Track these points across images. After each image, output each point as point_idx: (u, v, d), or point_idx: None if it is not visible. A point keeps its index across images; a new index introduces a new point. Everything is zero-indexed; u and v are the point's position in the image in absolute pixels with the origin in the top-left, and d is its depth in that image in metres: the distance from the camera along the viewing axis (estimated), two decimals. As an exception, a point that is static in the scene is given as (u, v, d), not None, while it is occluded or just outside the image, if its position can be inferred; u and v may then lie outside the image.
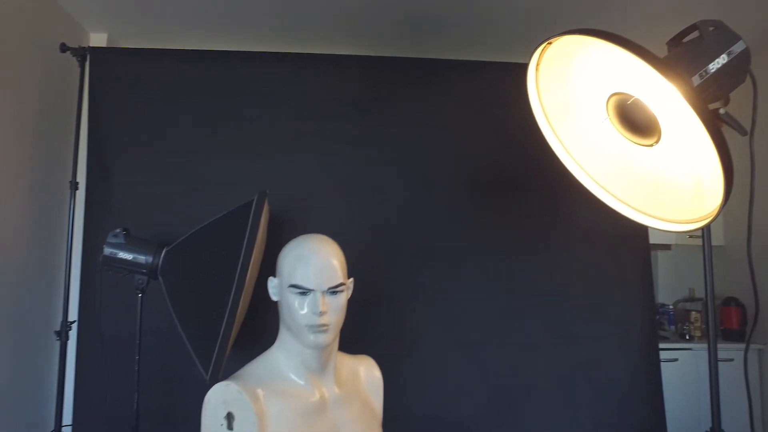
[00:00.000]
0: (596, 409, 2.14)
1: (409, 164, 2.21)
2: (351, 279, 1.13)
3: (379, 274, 2.09)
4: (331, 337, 1.05)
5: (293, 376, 1.06)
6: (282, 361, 1.07)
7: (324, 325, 1.03)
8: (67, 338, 2.23)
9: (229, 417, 1.00)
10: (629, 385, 2.18)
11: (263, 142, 2.17)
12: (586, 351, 2.16)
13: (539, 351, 2.14)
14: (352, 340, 1.36)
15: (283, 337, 1.09)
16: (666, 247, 3.71)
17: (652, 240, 2.33)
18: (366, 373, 1.21)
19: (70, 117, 2.45)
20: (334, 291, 1.05)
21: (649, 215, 1.18)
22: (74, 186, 2.31)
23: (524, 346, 2.15)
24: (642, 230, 2.25)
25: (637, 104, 1.05)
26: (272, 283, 1.11)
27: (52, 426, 2.23)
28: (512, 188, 2.23)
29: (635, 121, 1.09)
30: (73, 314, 2.25)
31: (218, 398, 1.02)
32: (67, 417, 2.20)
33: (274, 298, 1.10)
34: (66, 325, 2.23)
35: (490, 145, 2.23)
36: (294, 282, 1.04)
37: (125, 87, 2.22)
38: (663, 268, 3.82)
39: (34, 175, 2.53)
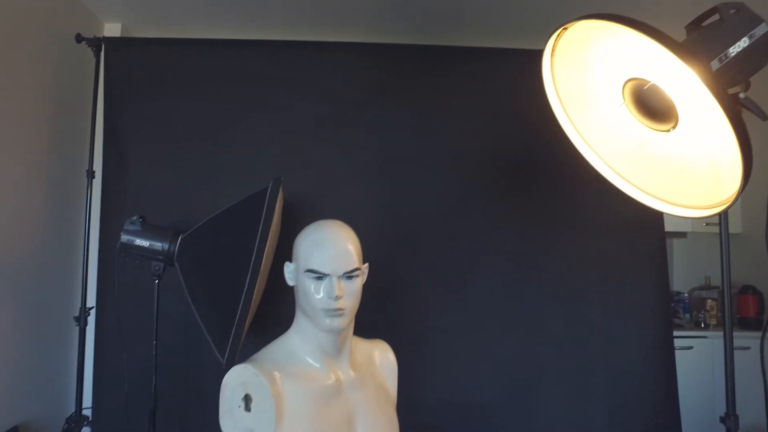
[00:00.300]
0: (610, 396, 2.14)
1: (426, 151, 2.20)
2: (366, 264, 1.14)
3: (395, 261, 2.10)
4: (347, 321, 1.07)
5: (309, 360, 1.08)
6: (298, 344, 1.09)
7: (340, 309, 1.04)
8: (86, 324, 2.27)
9: (247, 399, 1.02)
10: (643, 373, 2.17)
11: (279, 130, 2.18)
12: (600, 339, 2.16)
13: (553, 339, 2.15)
14: (367, 326, 1.38)
15: (300, 321, 1.10)
16: (681, 234, 3.67)
17: (668, 228, 2.31)
18: (381, 357, 1.22)
19: (86, 107, 2.47)
20: (349, 276, 1.06)
21: (665, 201, 1.17)
22: (91, 175, 2.35)
23: (538, 333, 2.15)
24: (657, 217, 2.23)
25: (653, 89, 1.04)
26: (288, 268, 1.12)
27: (72, 408, 2.28)
28: (528, 175, 2.22)
29: (652, 106, 1.08)
30: (91, 300, 2.30)
31: (236, 381, 1.04)
32: (87, 400, 2.26)
33: (291, 282, 1.11)
34: (85, 311, 2.27)
35: (507, 132, 2.22)
36: (310, 267, 1.05)
37: (140, 76, 2.24)
38: (678, 256, 3.78)
39: (51, 165, 2.56)
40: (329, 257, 1.05)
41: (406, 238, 2.15)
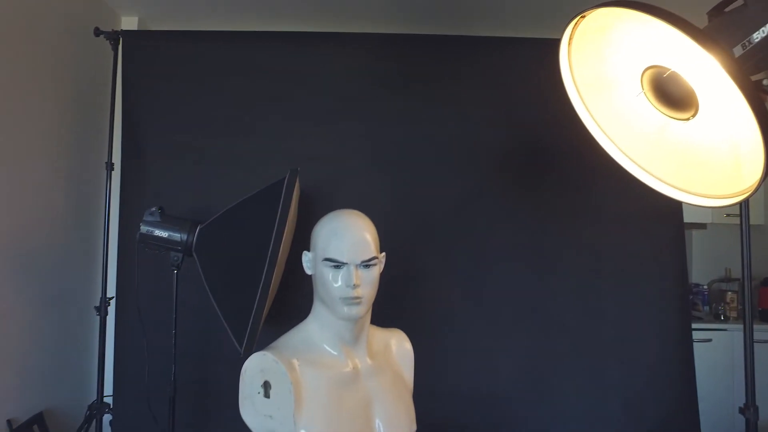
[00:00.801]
0: (625, 388, 2.14)
1: (441, 143, 2.20)
2: (383, 253, 1.15)
3: (410, 251, 2.11)
4: (364, 309, 1.07)
5: (327, 347, 1.09)
6: (316, 332, 1.10)
7: (357, 297, 1.05)
8: (106, 313, 2.31)
9: (266, 386, 1.03)
10: (659, 365, 2.16)
11: (295, 121, 2.19)
12: (616, 330, 2.15)
13: (568, 329, 2.14)
14: (383, 315, 1.39)
15: (317, 309, 1.12)
16: (701, 226, 3.62)
17: (687, 219, 2.29)
18: (397, 346, 1.23)
19: (105, 100, 2.50)
20: (367, 264, 1.07)
21: (684, 191, 1.16)
22: (110, 167, 2.38)
23: (553, 323, 2.14)
24: (676, 208, 2.21)
25: (673, 77, 1.03)
26: (306, 257, 1.13)
27: (94, 396, 2.32)
28: (544, 166, 2.21)
29: (671, 94, 1.06)
30: (111, 291, 2.34)
31: (255, 368, 1.06)
32: (109, 388, 2.30)
33: (309, 271, 1.12)
34: (105, 301, 2.31)
35: (522, 123, 2.21)
36: (328, 256, 1.06)
37: (157, 69, 2.27)
38: (698, 247, 3.74)
39: (72, 158, 2.60)
40: (347, 246, 1.06)
41: (422, 229, 2.16)
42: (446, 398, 2.07)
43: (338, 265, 1.06)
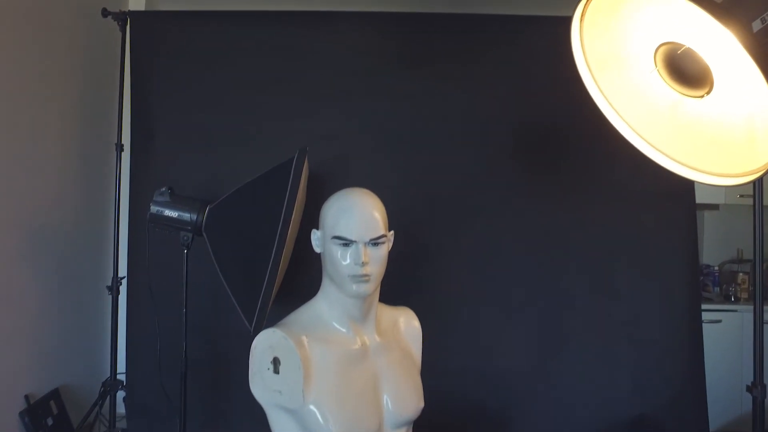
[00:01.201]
0: (634, 366, 2.15)
1: (451, 120, 2.19)
2: (392, 232, 1.15)
3: (419, 229, 2.10)
4: (373, 287, 1.08)
5: (336, 325, 1.10)
6: (325, 310, 1.11)
7: (366, 275, 1.06)
8: (118, 293, 2.34)
9: (275, 362, 1.05)
10: (668, 344, 2.16)
11: (305, 100, 2.18)
12: (626, 308, 2.15)
13: (578, 307, 2.14)
14: (392, 293, 1.39)
15: (326, 287, 1.13)
16: (714, 207, 3.58)
17: (699, 199, 2.27)
18: (405, 323, 1.24)
19: (114, 81, 2.50)
20: (375, 242, 1.07)
21: (697, 170, 1.14)
22: (120, 148, 2.38)
23: (563, 302, 2.15)
24: (688, 188, 2.19)
25: (688, 53, 1.01)
26: (315, 236, 1.14)
27: (108, 373, 2.37)
28: (555, 145, 2.19)
29: (685, 71, 1.05)
30: (123, 270, 2.36)
31: (265, 344, 1.07)
32: (122, 366, 2.34)
33: (317, 249, 1.13)
34: (117, 281, 2.33)
35: (533, 102, 2.19)
36: (337, 233, 1.07)
37: (166, 49, 2.25)
38: (710, 228, 3.70)
39: (82, 139, 2.62)
40: (356, 224, 1.06)
41: (432, 208, 2.16)
42: (455, 376, 2.08)
43: (347, 243, 1.06)
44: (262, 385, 1.08)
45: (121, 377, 2.33)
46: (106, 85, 2.71)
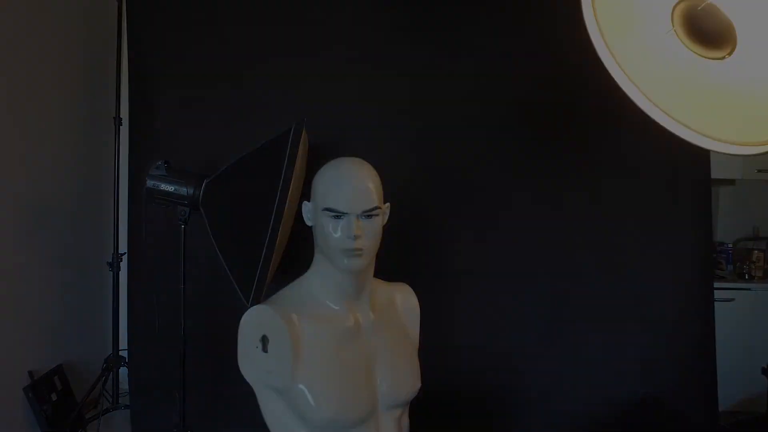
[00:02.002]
0: (643, 346, 2.10)
1: (455, 92, 2.12)
2: (387, 204, 1.09)
3: (423, 204, 2.06)
4: (366, 261, 1.03)
5: (328, 301, 1.06)
6: (317, 286, 1.06)
7: (358, 249, 1.00)
8: (118, 269, 2.32)
9: (264, 340, 1.01)
10: (678, 323, 2.11)
11: (307, 71, 2.12)
12: (636, 285, 2.10)
13: (587, 283, 2.10)
14: (393, 269, 1.35)
15: (318, 262, 1.08)
16: (729, 182, 3.48)
17: (715, 174, 2.20)
18: (402, 301, 1.19)
19: (112, 53, 2.45)
20: (368, 215, 1.02)
21: (714, 138, 1.07)
22: (118, 121, 2.34)
23: (572, 278, 2.10)
24: (702, 161, 2.12)
25: (710, 10, 0.94)
26: (306, 208, 1.08)
27: (110, 350, 2.37)
28: (562, 115, 2.12)
29: (706, 30, 0.97)
30: (124, 246, 2.34)
31: (253, 321, 1.03)
32: (124, 342, 2.33)
33: (309, 222, 1.08)
34: (117, 257, 2.31)
35: (539, 71, 2.11)
36: (328, 205, 1.01)
37: (164, 19, 2.18)
38: (724, 204, 3.60)
39: (80, 112, 2.57)
40: (347, 195, 1.00)
41: (436, 182, 2.11)
42: (457, 354, 2.05)
43: (338, 215, 1.01)
44: (250, 364, 1.04)
45: (125, 353, 2.33)
46: (103, 57, 2.65)
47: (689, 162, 2.06)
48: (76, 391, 2.47)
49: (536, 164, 2.12)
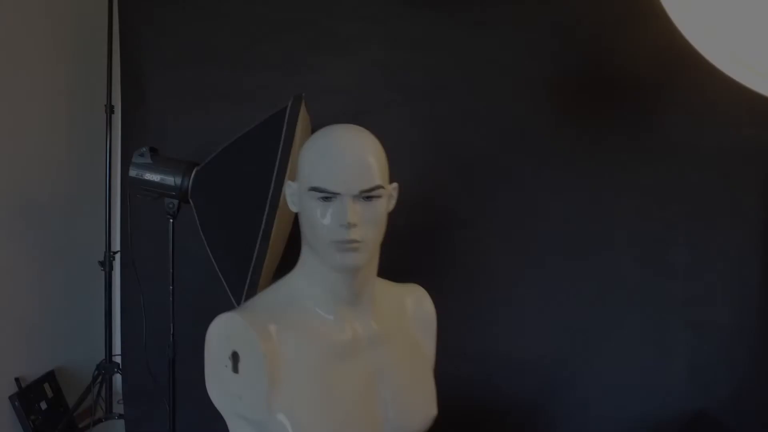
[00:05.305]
0: (692, 354, 1.94)
1: (478, 70, 1.97)
2: (395, 185, 0.87)
3: (441, 197, 1.95)
4: (365, 257, 0.80)
5: (317, 308, 0.83)
6: (304, 288, 0.84)
7: (354, 241, 0.78)
8: (111, 268, 2.20)
9: (234, 357, 0.80)
10: (734, 329, 1.94)
11: (309, 50, 2.01)
12: (684, 286, 1.94)
13: (626, 285, 1.95)
14: (407, 269, 1.19)
15: (305, 258, 0.85)
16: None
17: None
18: (415, 306, 0.96)
19: (103, 37, 2.33)
20: (368, 196, 0.79)
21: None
22: (110, 110, 2.23)
23: (608, 279, 1.95)
24: (763, 148, 1.91)
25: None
26: (290, 189, 0.86)
27: (102, 355, 2.24)
28: (600, 96, 1.94)
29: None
30: (117, 244, 2.21)
31: (222, 334, 0.82)
32: (118, 346, 2.20)
33: (294, 208, 0.86)
34: (109, 255, 2.19)
35: (572, 44, 1.93)
36: (314, 184, 0.78)
37: (156, 1, 2.09)
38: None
39: (70, 101, 2.46)
40: (339, 170, 0.77)
41: (456, 171, 1.98)
42: (478, 361, 1.93)
43: (328, 196, 0.78)
44: (218, 386, 0.83)
45: (119, 359, 2.20)
46: (93, 43, 2.53)
47: (749, 148, 1.88)
48: (69, 398, 2.33)
49: (570, 150, 1.96)
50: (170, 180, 1.58)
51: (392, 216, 0.90)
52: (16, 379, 2.12)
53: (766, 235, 1.92)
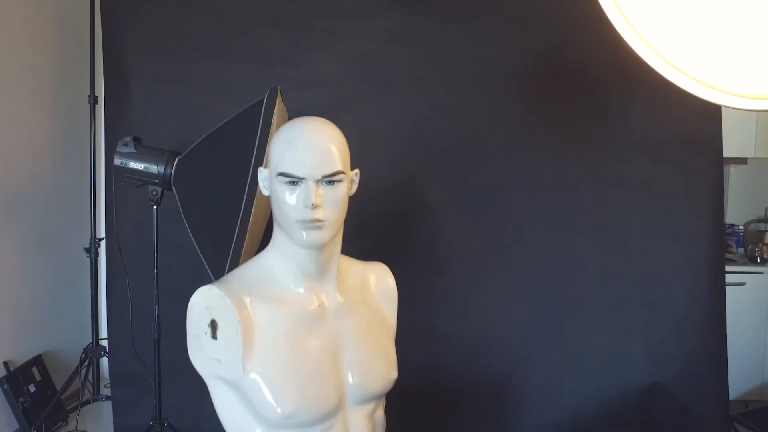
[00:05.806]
0: (649, 332, 2.01)
1: (450, 63, 2.02)
2: (356, 171, 0.96)
3: (414, 184, 1.98)
4: (328, 234, 0.90)
5: (287, 282, 0.93)
6: (275, 264, 0.94)
7: (318, 220, 0.88)
8: (97, 255, 2.23)
9: (213, 325, 0.89)
10: (687, 308, 2.02)
11: (289, 44, 2.04)
12: (642, 269, 2.01)
13: (589, 268, 2.01)
14: (379, 254, 1.23)
15: (277, 237, 0.95)
16: (741, 161, 3.31)
17: (726, 153, 2.07)
18: (378, 281, 1.06)
19: (85, 27, 2.34)
20: (330, 180, 0.88)
21: (731, 93, 0.93)
22: (93, 100, 2.24)
23: (573, 262, 2.01)
24: (715, 136, 1.99)
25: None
26: (262, 175, 0.95)
27: (89, 339, 2.27)
28: (564, 87, 2.00)
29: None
30: (102, 231, 2.24)
31: (201, 304, 0.91)
32: (105, 330, 2.24)
33: (265, 192, 0.95)
34: (95, 242, 2.22)
35: (539, 40, 1.99)
36: (282, 170, 0.88)
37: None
38: (735, 184, 3.44)
39: (53, 92, 2.47)
40: (304, 157, 0.87)
41: (429, 159, 2.01)
42: (448, 340, 1.97)
43: (294, 180, 0.88)
44: (199, 352, 0.92)
45: (105, 343, 2.24)
46: (76, 33, 2.53)
47: (701, 138, 1.95)
48: (57, 381, 2.38)
49: (537, 141, 2.02)
50: (154, 168, 1.64)
51: (367, 202, 0.97)
52: (5, 363, 2.17)
53: (717, 218, 2.00)
